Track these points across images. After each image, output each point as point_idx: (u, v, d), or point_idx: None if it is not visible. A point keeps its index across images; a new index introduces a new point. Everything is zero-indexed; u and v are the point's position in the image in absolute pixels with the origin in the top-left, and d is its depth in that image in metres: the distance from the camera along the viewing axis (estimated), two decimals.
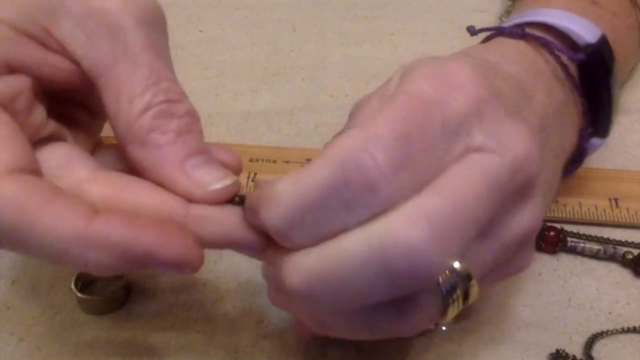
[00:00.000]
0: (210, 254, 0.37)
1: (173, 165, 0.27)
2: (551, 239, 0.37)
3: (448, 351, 0.33)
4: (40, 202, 0.25)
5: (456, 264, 0.24)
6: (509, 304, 0.35)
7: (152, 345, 0.33)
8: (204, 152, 0.28)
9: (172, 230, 0.26)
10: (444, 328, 0.33)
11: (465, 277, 0.25)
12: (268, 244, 0.26)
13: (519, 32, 0.33)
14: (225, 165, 0.28)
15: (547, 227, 0.37)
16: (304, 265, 0.25)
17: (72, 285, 0.34)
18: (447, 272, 0.24)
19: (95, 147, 0.31)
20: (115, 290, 0.34)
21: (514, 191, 0.26)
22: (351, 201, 0.24)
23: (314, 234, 0.25)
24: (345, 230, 0.24)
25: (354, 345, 0.33)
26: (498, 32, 0.34)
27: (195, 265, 0.26)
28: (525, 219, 0.27)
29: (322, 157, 0.24)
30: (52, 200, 0.25)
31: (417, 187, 0.24)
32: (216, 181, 0.27)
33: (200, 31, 0.53)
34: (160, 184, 0.27)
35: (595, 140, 0.35)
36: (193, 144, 0.27)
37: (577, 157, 0.35)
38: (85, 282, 0.35)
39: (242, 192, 0.28)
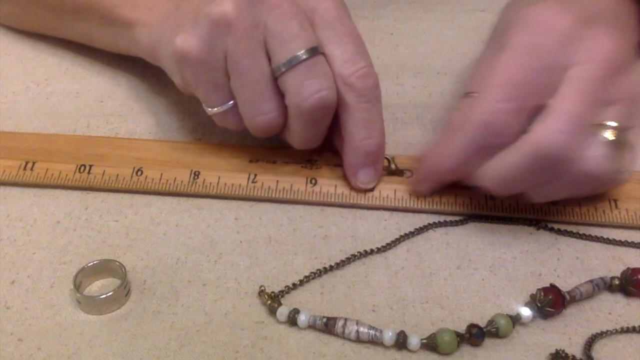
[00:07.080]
0: (210, 254, 0.37)
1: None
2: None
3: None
4: None
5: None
6: (509, 304, 0.35)
7: (152, 345, 0.33)
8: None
9: None
10: None
11: None
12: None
13: None
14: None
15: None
16: (491, 174, 0.36)
17: (72, 285, 0.34)
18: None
19: None
20: (115, 290, 0.34)
21: (615, 73, 0.35)
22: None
23: None
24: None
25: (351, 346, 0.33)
26: None
27: None
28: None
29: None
30: None
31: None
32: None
33: None
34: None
35: None
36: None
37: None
38: (85, 282, 0.35)
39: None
